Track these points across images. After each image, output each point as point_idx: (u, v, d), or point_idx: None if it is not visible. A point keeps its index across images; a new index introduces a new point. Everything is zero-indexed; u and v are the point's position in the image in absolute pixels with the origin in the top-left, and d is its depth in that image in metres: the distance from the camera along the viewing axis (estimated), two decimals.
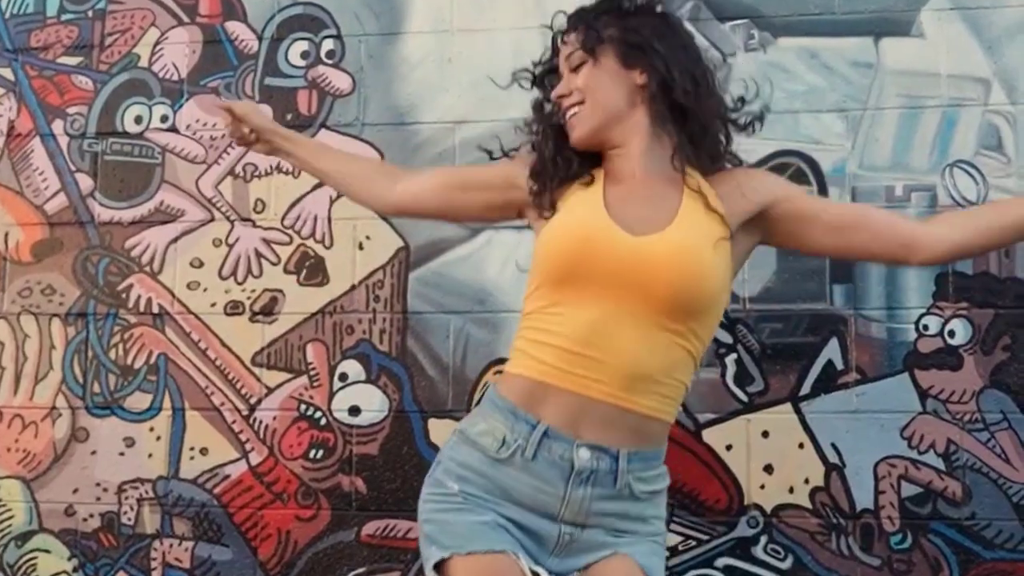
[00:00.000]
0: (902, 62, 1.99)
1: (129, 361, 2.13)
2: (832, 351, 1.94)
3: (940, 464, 1.89)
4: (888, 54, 2.00)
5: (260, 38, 2.17)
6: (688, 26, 1.54)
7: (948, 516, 1.88)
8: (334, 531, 2.03)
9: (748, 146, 1.79)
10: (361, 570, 2.01)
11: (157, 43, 2.20)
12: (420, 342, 2.05)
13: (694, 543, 1.93)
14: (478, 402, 1.66)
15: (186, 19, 2.20)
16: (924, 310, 1.92)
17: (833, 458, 1.91)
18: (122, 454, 2.10)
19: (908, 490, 1.89)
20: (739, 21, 2.05)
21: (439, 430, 2.02)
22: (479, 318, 2.03)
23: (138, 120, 2.18)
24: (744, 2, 2.04)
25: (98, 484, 2.11)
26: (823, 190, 1.99)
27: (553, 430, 1.25)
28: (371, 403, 2.05)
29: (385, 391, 2.05)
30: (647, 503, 1.28)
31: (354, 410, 2.05)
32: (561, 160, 1.36)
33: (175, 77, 2.19)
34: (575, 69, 1.38)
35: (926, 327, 1.92)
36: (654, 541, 1.30)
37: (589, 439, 1.25)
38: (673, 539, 1.93)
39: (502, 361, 2.00)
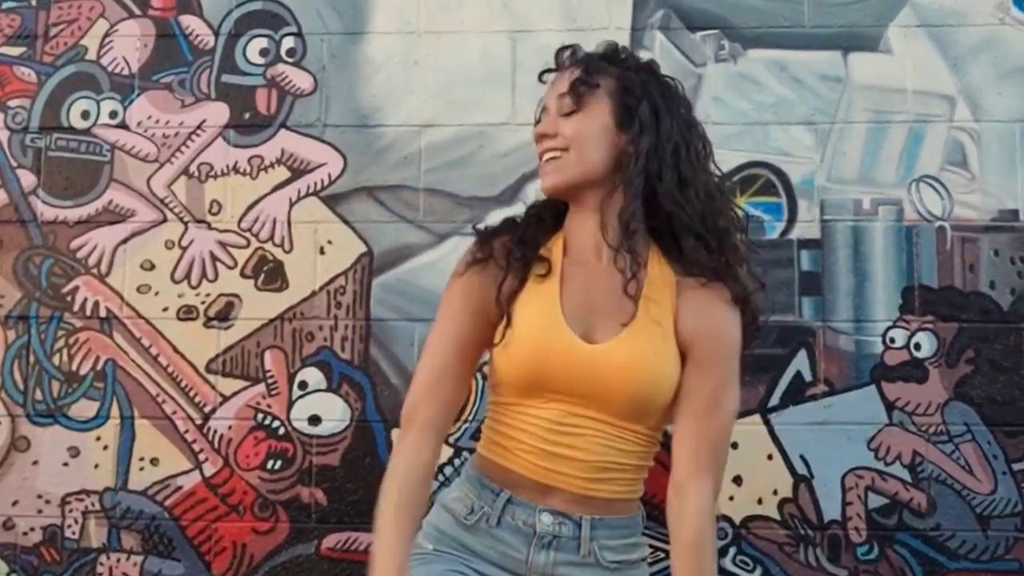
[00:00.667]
0: (870, 77, 2.06)
1: (74, 367, 2.08)
2: (801, 363, 1.99)
3: (906, 475, 1.96)
4: (856, 69, 2.06)
5: (216, 33, 2.15)
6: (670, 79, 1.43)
7: (913, 527, 1.95)
8: (293, 544, 2.02)
9: (719, 157, 1.82)
10: None
11: (106, 35, 2.16)
12: (383, 350, 2.05)
13: (663, 555, 1.95)
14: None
15: (137, 11, 2.17)
16: (891, 323, 1.98)
17: (801, 469, 1.97)
18: (66, 464, 2.06)
19: (875, 501, 1.95)
20: (710, 31, 2.09)
21: None
22: None
23: (85, 115, 2.14)
24: (714, 13, 2.09)
25: (40, 496, 2.06)
26: (792, 201, 2.04)
27: (516, 499, 1.32)
28: (332, 412, 2.04)
29: (347, 400, 2.04)
30: (617, 574, 1.31)
31: (314, 419, 2.04)
32: (517, 260, 1.33)
33: (125, 71, 2.15)
34: (567, 113, 1.34)
35: (893, 340, 1.98)
36: None
37: (552, 506, 1.30)
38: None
39: None
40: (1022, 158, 2.03)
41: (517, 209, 2.01)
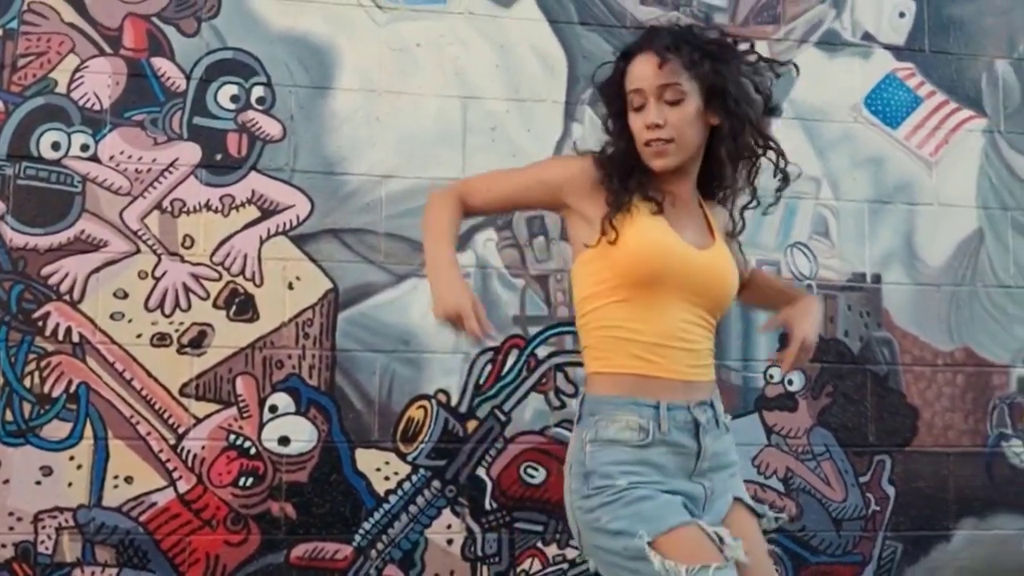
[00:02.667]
0: None
1: (46, 389, 2.93)
2: None
3: (780, 487, 3.25)
4: None
5: (188, 77, 3.09)
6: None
7: (786, 529, 3.23)
8: (264, 555, 2.98)
9: None
10: None
11: (77, 70, 3.03)
12: (348, 378, 3.08)
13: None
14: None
15: (109, 50, 3.06)
16: (770, 363, 3.28)
17: None
18: (39, 483, 2.89)
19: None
20: None
21: (365, 459, 3.04)
22: (403, 357, 3.10)
23: (55, 147, 3.00)
24: None
25: (11, 514, 2.87)
26: None
27: (672, 404, 2.08)
28: (300, 434, 3.03)
29: (314, 422, 3.04)
30: (730, 433, 2.23)
31: (284, 440, 3.02)
32: (632, 185, 2.13)
33: (97, 107, 3.03)
34: (670, 103, 2.09)
35: (772, 376, 3.29)
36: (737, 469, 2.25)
37: (696, 399, 2.11)
38: (572, 552, 3.11)
39: (425, 397, 3.10)
40: (870, 232, 3.42)
41: (467, 257, 3.16)
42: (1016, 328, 3.46)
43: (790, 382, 3.28)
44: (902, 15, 3.50)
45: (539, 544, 3.12)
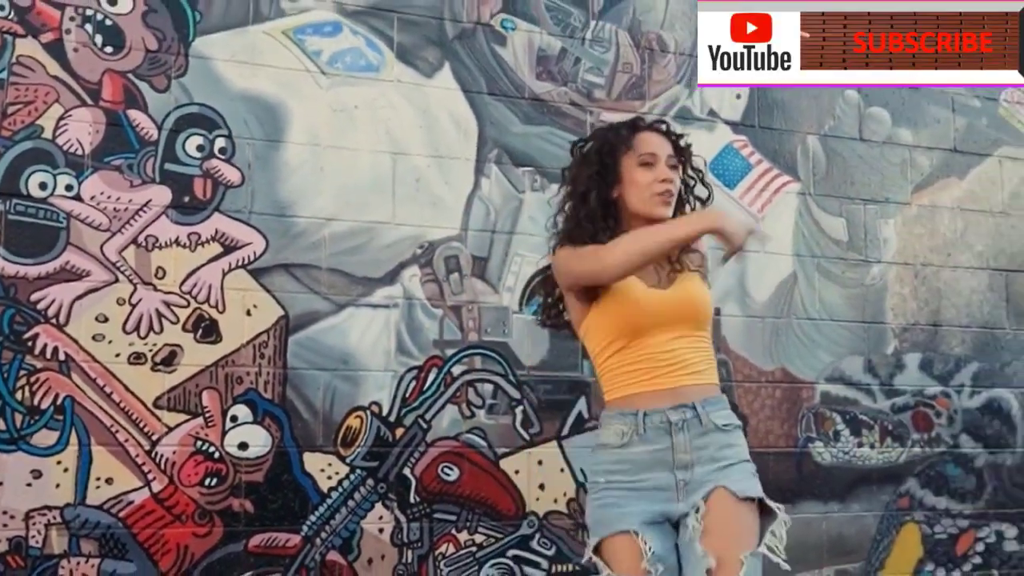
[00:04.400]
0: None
1: (36, 402, 3.30)
2: (582, 405, 3.91)
3: None
4: None
5: (160, 128, 3.51)
6: None
7: None
8: (226, 544, 3.45)
9: (531, 259, 3.74)
10: (249, 574, 3.46)
11: (61, 118, 3.40)
12: (297, 392, 3.58)
13: (493, 540, 3.74)
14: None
15: (90, 101, 3.45)
16: None
17: (581, 478, 3.87)
18: (29, 485, 3.27)
19: None
20: (527, 168, 3.96)
21: (311, 461, 3.56)
22: (343, 375, 3.63)
23: (43, 186, 3.37)
24: (531, 155, 3.96)
25: (5, 512, 3.24)
26: None
27: (649, 410, 2.64)
28: (257, 440, 3.51)
29: (269, 431, 3.53)
30: (730, 434, 2.67)
31: (243, 445, 3.49)
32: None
33: (79, 151, 3.41)
34: (672, 167, 2.78)
35: None
36: (745, 463, 2.68)
37: (675, 403, 2.65)
38: (479, 538, 3.73)
39: (361, 408, 3.65)
40: (713, 270, 4.20)
41: (395, 290, 3.73)
42: (820, 353, 4.32)
43: None
44: (738, 96, 4.30)
45: (453, 531, 3.73)
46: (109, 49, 3.48)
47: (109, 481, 3.37)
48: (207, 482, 3.47)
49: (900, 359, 4.42)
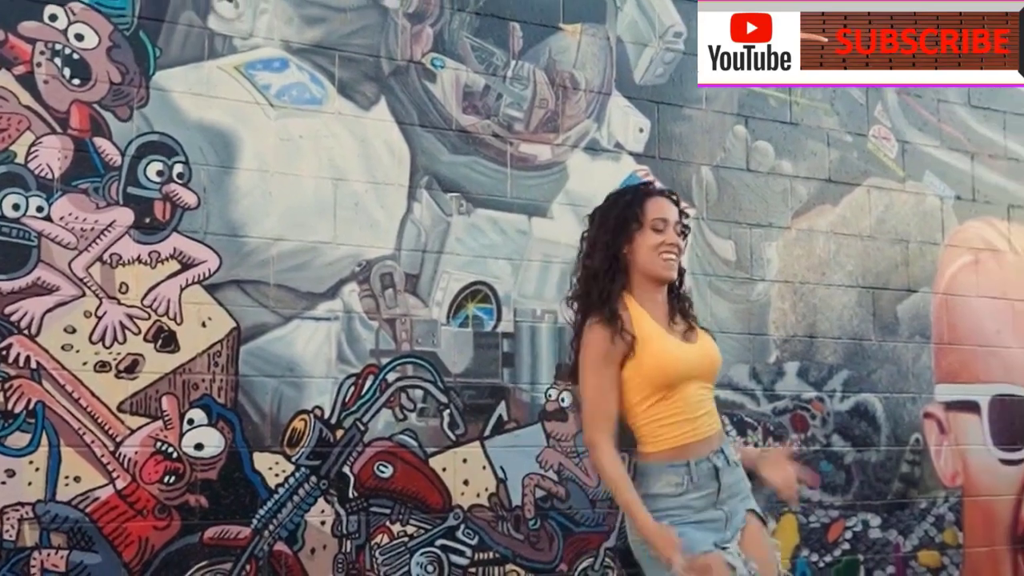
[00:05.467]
0: (543, 233, 4.51)
1: (10, 407, 3.59)
2: (502, 409, 4.34)
3: (555, 476, 4.41)
4: (535, 227, 4.49)
5: (123, 154, 3.82)
6: None
7: (559, 508, 4.40)
8: (183, 536, 3.78)
9: (457, 277, 4.17)
10: (204, 563, 3.79)
11: (32, 145, 3.70)
12: (248, 397, 3.92)
13: (423, 531, 4.14)
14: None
15: (59, 129, 3.74)
16: (550, 385, 4.43)
17: (501, 475, 4.30)
18: (3, 483, 3.55)
19: (539, 493, 4.37)
20: (455, 193, 4.36)
21: (260, 460, 3.92)
22: (289, 381, 3.99)
23: (15, 207, 3.65)
24: (458, 181, 4.36)
25: None
26: (499, 308, 4.39)
27: (696, 460, 3.02)
28: (211, 441, 3.85)
29: (222, 432, 3.86)
30: (739, 467, 3.12)
31: (199, 446, 3.82)
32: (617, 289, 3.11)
33: (49, 176, 3.71)
34: (679, 234, 3.13)
35: (550, 395, 4.44)
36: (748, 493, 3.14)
37: (712, 448, 3.06)
38: (410, 529, 4.13)
39: (305, 412, 4.01)
40: None
41: (336, 304, 4.10)
42: None
43: (563, 400, 4.45)
44: (641, 130, 4.77)
45: (387, 523, 4.12)
46: (77, 81, 3.79)
47: (77, 479, 3.68)
48: (166, 480, 3.80)
49: (781, 367, 4.96)
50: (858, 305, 5.20)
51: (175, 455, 3.82)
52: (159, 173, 3.89)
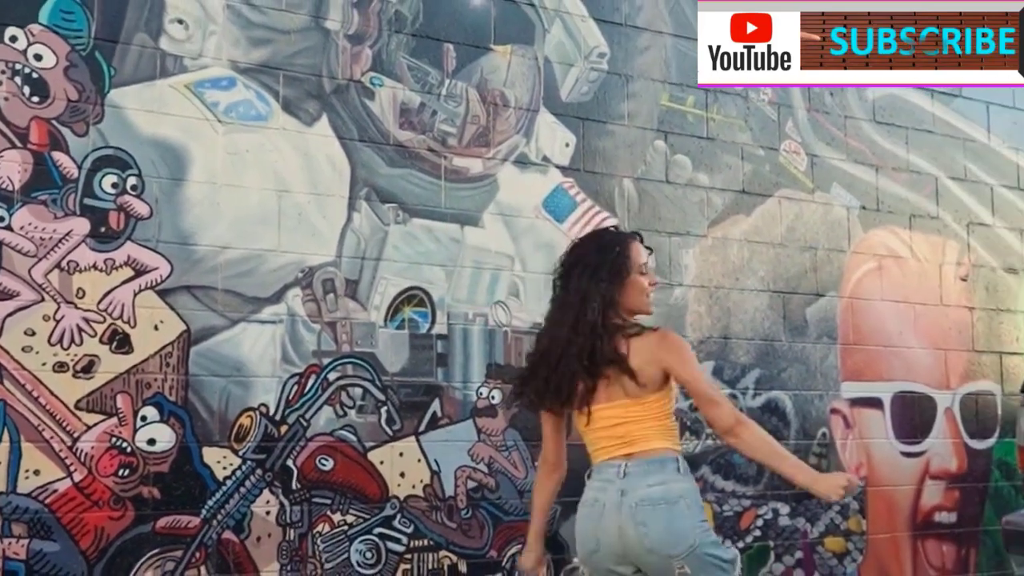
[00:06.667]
0: (475, 241, 4.82)
1: None
2: (436, 406, 4.65)
3: (486, 469, 4.74)
4: (469, 237, 4.81)
5: (80, 167, 4.08)
6: None
7: (489, 499, 4.73)
8: (137, 525, 4.05)
9: (394, 282, 4.48)
10: (156, 551, 4.06)
11: None
12: (197, 395, 4.20)
13: (362, 520, 4.44)
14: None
15: (19, 144, 3.99)
16: (481, 383, 4.75)
17: (435, 467, 4.62)
18: None
19: (471, 485, 4.68)
20: (392, 204, 4.67)
21: (209, 454, 4.20)
22: (236, 380, 4.27)
23: None
24: (394, 192, 4.67)
25: None
26: (433, 311, 4.70)
27: None
28: (163, 437, 4.12)
29: (173, 429, 4.14)
30: None
31: (151, 441, 4.09)
32: None
33: (10, 188, 3.95)
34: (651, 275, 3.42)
35: (481, 392, 4.76)
36: None
37: None
38: (350, 518, 4.43)
39: (251, 409, 4.30)
40: (545, 294, 4.97)
41: (280, 308, 4.39)
42: None
43: (493, 397, 4.78)
44: (567, 145, 5.12)
45: (328, 513, 4.43)
46: (36, 99, 4.04)
47: (37, 472, 3.94)
48: (120, 473, 4.06)
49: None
50: (769, 308, 5.58)
51: (129, 450, 4.09)
52: (114, 185, 4.15)
